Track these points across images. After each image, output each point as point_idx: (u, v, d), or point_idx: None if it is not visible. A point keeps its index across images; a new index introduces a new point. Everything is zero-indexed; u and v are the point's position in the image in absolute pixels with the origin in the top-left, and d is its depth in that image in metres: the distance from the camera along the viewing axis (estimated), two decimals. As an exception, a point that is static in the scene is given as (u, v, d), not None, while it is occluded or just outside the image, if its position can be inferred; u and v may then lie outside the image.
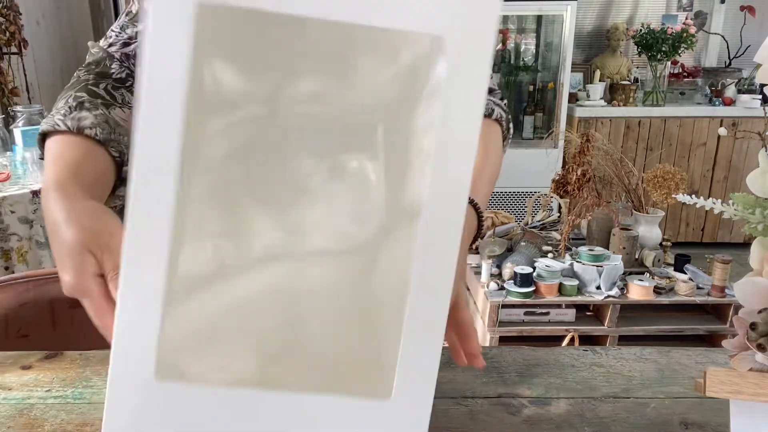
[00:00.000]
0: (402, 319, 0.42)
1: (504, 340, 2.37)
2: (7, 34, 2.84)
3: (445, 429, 0.58)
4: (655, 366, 0.71)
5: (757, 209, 0.45)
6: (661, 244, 2.59)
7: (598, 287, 2.33)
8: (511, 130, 0.74)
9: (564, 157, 3.37)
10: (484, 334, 2.40)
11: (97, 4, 3.61)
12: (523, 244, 2.52)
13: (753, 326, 0.44)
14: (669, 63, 3.90)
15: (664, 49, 3.71)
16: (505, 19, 3.94)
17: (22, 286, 0.97)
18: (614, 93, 3.89)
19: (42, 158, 0.63)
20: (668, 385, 0.67)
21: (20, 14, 2.93)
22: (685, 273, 2.46)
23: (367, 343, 0.44)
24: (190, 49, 0.37)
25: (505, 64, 3.99)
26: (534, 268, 2.35)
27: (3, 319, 0.94)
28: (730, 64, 4.18)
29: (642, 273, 2.44)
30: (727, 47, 4.18)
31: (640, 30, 3.78)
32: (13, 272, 2.02)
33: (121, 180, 0.65)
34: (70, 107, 0.64)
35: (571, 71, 3.76)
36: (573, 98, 3.88)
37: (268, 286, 0.42)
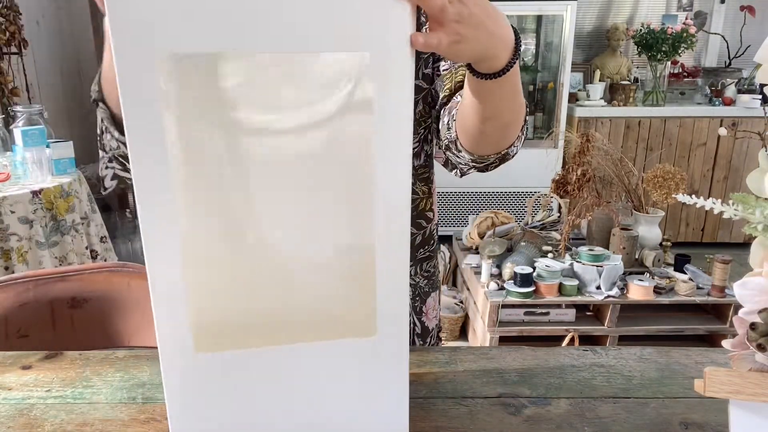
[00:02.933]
0: (374, 269, 0.53)
1: (504, 340, 2.37)
2: (7, 34, 2.84)
3: (445, 429, 0.58)
4: (655, 366, 0.71)
5: (757, 209, 0.45)
6: (661, 244, 2.59)
7: (598, 287, 2.33)
8: (528, 123, 0.76)
9: (564, 157, 3.37)
10: (484, 334, 2.40)
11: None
12: (523, 244, 2.52)
13: (753, 326, 0.44)
14: (669, 63, 3.90)
15: (664, 49, 3.71)
16: (505, 19, 3.94)
17: (22, 286, 0.97)
18: (614, 93, 3.89)
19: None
20: (668, 385, 0.67)
21: (20, 14, 2.93)
22: (685, 273, 2.46)
23: (352, 294, 0.54)
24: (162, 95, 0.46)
25: (505, 64, 3.98)
26: (534, 268, 2.35)
27: (3, 319, 0.94)
28: (730, 64, 4.18)
29: (642, 273, 2.44)
30: (727, 47, 4.18)
31: (640, 30, 3.78)
32: (13, 272, 2.02)
33: None
34: None
35: (571, 71, 3.76)
36: (573, 98, 3.88)
37: (266, 260, 0.52)
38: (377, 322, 0.54)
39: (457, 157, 0.76)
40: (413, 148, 0.84)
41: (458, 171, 0.80)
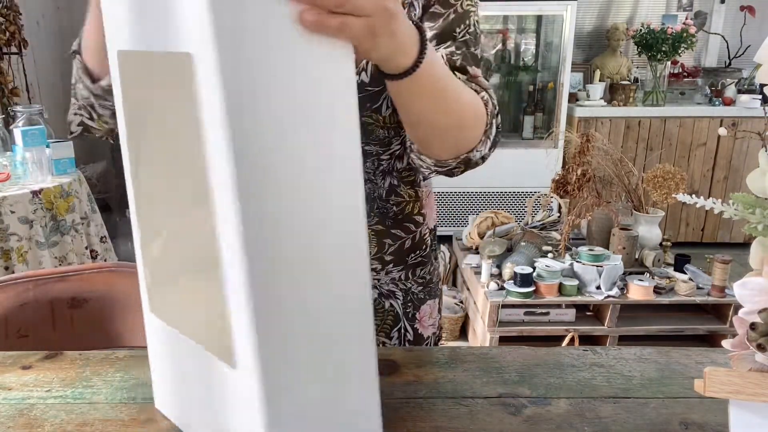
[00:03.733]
0: (221, 288, 0.47)
1: (504, 340, 2.37)
2: (7, 34, 2.85)
3: (445, 429, 0.58)
4: (655, 366, 0.71)
5: (757, 209, 0.45)
6: (661, 244, 2.59)
7: (598, 287, 2.33)
8: (497, 117, 0.72)
9: (564, 157, 3.37)
10: (484, 334, 2.40)
11: (97, 4, 3.61)
12: (523, 244, 2.52)
13: (753, 326, 0.44)
14: (669, 63, 3.90)
15: (664, 49, 3.71)
16: (505, 19, 3.94)
17: (22, 286, 0.97)
18: (614, 93, 3.89)
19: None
20: (668, 385, 0.67)
21: (20, 14, 2.93)
22: (685, 273, 2.46)
23: (208, 313, 0.50)
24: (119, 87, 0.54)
25: (505, 64, 3.98)
26: (534, 268, 2.35)
27: (3, 319, 0.94)
28: (730, 64, 4.18)
29: (642, 273, 2.44)
30: (727, 47, 4.18)
31: (640, 30, 3.78)
32: (13, 272, 2.02)
33: None
34: None
35: (571, 71, 3.76)
36: (573, 98, 3.88)
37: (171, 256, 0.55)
38: (234, 354, 0.47)
39: (420, 159, 0.74)
40: (395, 151, 0.82)
41: (421, 174, 0.78)
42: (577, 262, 2.38)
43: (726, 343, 0.47)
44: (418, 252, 0.90)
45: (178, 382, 0.58)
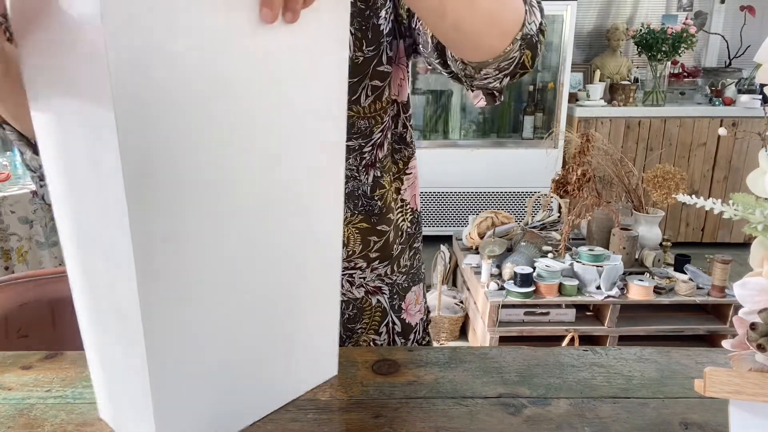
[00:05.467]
0: None
1: (504, 340, 2.37)
2: (8, 33, 2.84)
3: (445, 429, 0.58)
4: (655, 366, 0.71)
5: (757, 209, 0.45)
6: (661, 244, 2.59)
7: (598, 287, 2.33)
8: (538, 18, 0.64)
9: (564, 157, 3.37)
10: (484, 334, 2.40)
11: (97, 4, 3.61)
12: (523, 244, 2.52)
13: (753, 326, 0.44)
14: (669, 63, 3.90)
15: (664, 49, 3.71)
16: (505, 19, 3.94)
17: (22, 286, 0.97)
18: (614, 93, 3.90)
19: None
20: (668, 385, 0.67)
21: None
22: (685, 273, 2.46)
23: None
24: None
25: (505, 64, 3.98)
26: (534, 268, 2.35)
27: (3, 319, 0.94)
28: (730, 64, 4.18)
29: (642, 273, 2.44)
30: (727, 47, 4.18)
31: (640, 30, 3.78)
32: (13, 272, 2.02)
33: None
34: None
35: (571, 71, 3.76)
36: (573, 98, 3.88)
37: None
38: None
39: (481, 79, 0.68)
40: (377, 140, 0.79)
41: (495, 91, 0.71)
42: (577, 262, 2.38)
43: (726, 343, 0.47)
44: (397, 241, 0.86)
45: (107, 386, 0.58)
